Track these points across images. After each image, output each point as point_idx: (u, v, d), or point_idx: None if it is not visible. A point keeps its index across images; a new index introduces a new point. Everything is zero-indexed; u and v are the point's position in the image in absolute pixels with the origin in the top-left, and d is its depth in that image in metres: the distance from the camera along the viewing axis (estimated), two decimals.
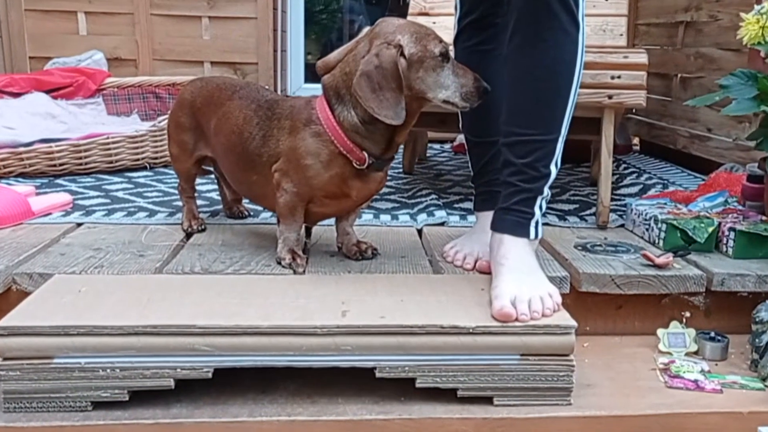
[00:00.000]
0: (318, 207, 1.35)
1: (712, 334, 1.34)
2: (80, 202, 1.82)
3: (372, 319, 1.10)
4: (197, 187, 1.72)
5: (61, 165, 2.14)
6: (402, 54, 1.21)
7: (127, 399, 1.08)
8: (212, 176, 1.73)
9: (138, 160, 2.27)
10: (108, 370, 1.07)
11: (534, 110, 1.25)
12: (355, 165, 1.27)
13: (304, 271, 1.34)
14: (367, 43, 1.24)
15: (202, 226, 1.59)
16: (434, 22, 2.39)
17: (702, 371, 1.25)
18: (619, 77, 1.64)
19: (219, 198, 1.77)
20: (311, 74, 3.47)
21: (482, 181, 1.48)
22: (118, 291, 1.19)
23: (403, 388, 1.13)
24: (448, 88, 1.23)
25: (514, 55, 1.26)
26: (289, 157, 1.29)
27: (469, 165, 1.52)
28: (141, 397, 1.09)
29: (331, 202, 1.33)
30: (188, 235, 1.55)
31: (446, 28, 2.45)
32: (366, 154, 1.26)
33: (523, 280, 1.18)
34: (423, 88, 1.23)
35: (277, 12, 3.09)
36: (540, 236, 1.28)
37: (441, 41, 1.24)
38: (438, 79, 1.23)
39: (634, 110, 2.83)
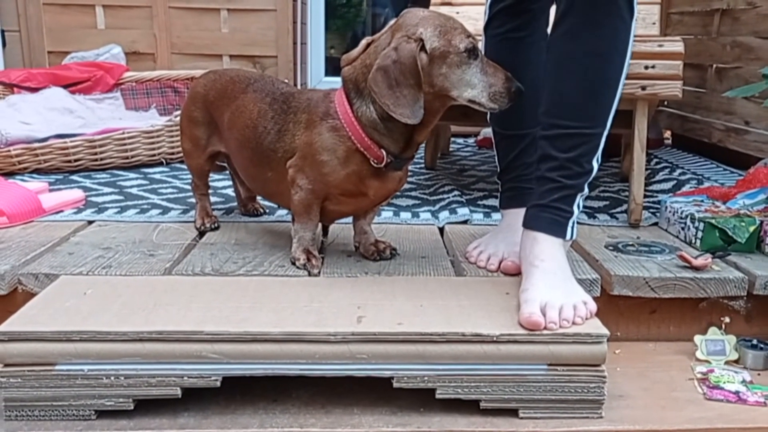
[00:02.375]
0: (334, 205, 1.29)
1: (754, 342, 1.26)
2: (93, 198, 1.78)
3: (389, 325, 1.04)
4: (212, 184, 1.67)
5: (76, 161, 2.10)
6: (423, 48, 1.13)
7: (132, 408, 1.03)
8: (227, 172, 1.67)
9: (154, 155, 2.22)
10: (112, 378, 1.02)
11: (582, 101, 1.17)
12: (372, 163, 1.20)
13: (319, 273, 1.28)
14: (389, 35, 1.18)
15: (216, 225, 1.54)
16: (458, 12, 2.32)
17: (744, 382, 1.17)
18: (653, 67, 1.55)
19: (234, 195, 1.72)
20: (332, 67, 3.41)
21: (510, 176, 1.40)
22: (125, 294, 1.14)
23: (422, 399, 1.07)
24: (475, 86, 1.15)
25: (562, 40, 1.17)
26: (305, 152, 1.23)
27: (496, 159, 1.44)
28: (147, 406, 1.04)
29: (347, 200, 1.27)
30: (201, 234, 1.50)
31: (470, 18, 2.38)
32: (384, 153, 1.20)
33: (557, 285, 1.11)
34: (446, 86, 1.16)
35: (297, 4, 3.03)
36: (575, 237, 1.20)
37: (468, 36, 1.16)
38: (463, 76, 1.15)
39: (666, 102, 2.73)
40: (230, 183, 1.76)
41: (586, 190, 1.20)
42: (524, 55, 1.28)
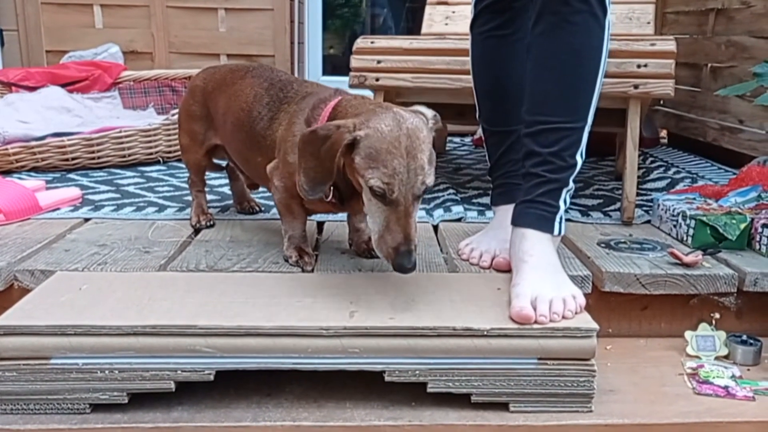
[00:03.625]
0: (309, 204, 1.27)
1: (744, 337, 1.27)
2: (90, 196, 1.79)
3: (381, 320, 1.05)
4: (208, 182, 1.68)
5: (73, 159, 2.11)
6: (351, 148, 1.05)
7: (126, 401, 1.04)
8: (223, 172, 1.68)
9: (151, 154, 2.24)
10: (106, 372, 1.03)
11: (561, 97, 1.20)
12: None
13: (312, 269, 1.28)
14: (365, 106, 1.13)
15: (211, 222, 1.54)
16: (453, 11, 2.34)
17: (733, 377, 1.18)
18: (645, 66, 1.56)
19: (230, 193, 1.73)
20: (330, 66, 3.42)
21: (499, 173, 1.42)
22: (120, 289, 1.15)
23: (413, 393, 1.08)
24: (373, 225, 1.07)
25: (540, 39, 1.20)
26: (279, 147, 1.24)
27: (486, 156, 1.46)
28: (141, 400, 1.05)
29: (319, 202, 1.24)
30: (196, 231, 1.51)
31: (466, 17, 2.39)
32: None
33: (547, 279, 1.12)
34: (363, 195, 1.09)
35: (294, 3, 3.04)
36: (563, 233, 1.22)
37: (391, 174, 1.01)
38: (370, 207, 1.07)
39: (661, 101, 2.74)
40: (226, 181, 1.77)
41: (572, 185, 1.21)
42: (508, 52, 1.30)
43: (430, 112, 1.12)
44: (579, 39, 1.17)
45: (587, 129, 1.20)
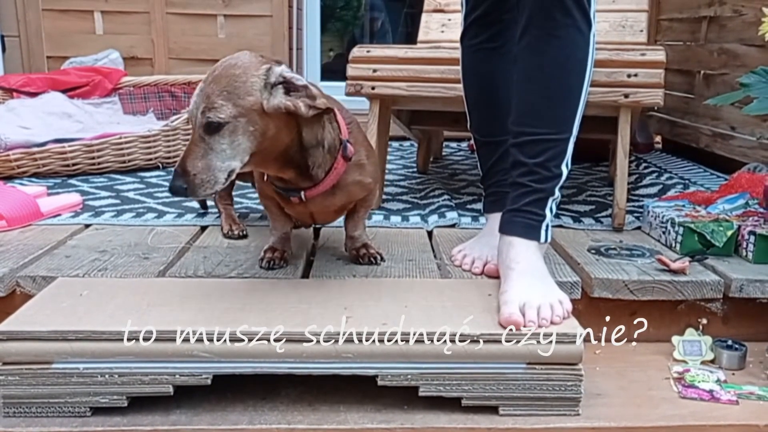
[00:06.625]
0: (285, 206, 1.31)
1: (730, 342, 1.29)
2: (91, 202, 1.81)
3: (374, 325, 1.08)
4: None
5: (74, 165, 2.14)
6: None
7: (125, 405, 1.06)
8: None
9: (151, 159, 2.27)
10: (106, 376, 1.06)
11: (546, 109, 1.22)
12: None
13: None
14: None
15: (244, 232, 1.55)
16: (449, 19, 2.36)
17: (718, 381, 1.21)
18: (635, 75, 1.59)
19: None
20: (328, 72, 3.45)
21: (491, 182, 1.45)
22: (119, 295, 1.18)
23: (406, 397, 1.10)
24: None
25: (525, 52, 1.22)
26: None
27: (478, 165, 1.49)
28: (140, 403, 1.07)
29: (288, 206, 1.29)
30: (198, 233, 1.54)
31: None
32: None
33: (534, 286, 1.15)
34: None
35: (292, 10, 3.07)
36: (549, 240, 1.25)
37: (212, 108, 1.02)
38: None
39: (655, 108, 2.77)
40: None
41: (558, 194, 1.24)
42: (498, 65, 1.33)
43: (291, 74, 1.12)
44: (564, 52, 1.20)
45: (572, 140, 1.23)
